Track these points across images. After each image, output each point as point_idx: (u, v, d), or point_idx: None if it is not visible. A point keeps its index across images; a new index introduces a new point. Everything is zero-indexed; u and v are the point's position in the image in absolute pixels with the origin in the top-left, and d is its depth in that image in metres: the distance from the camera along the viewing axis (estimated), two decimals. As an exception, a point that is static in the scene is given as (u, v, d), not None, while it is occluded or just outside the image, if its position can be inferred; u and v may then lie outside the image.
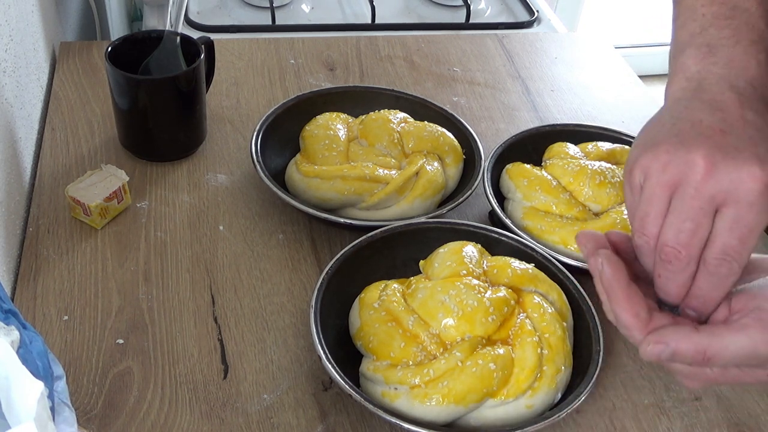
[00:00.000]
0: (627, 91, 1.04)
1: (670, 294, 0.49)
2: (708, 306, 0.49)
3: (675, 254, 0.48)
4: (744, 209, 0.46)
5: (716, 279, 0.47)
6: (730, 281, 0.47)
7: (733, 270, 0.47)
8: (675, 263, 0.48)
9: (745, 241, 0.46)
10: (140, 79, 0.78)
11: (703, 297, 0.49)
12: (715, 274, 0.47)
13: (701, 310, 0.49)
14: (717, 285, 0.48)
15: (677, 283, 0.49)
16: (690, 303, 0.49)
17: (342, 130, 0.80)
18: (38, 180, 0.79)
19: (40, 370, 0.39)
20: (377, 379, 0.59)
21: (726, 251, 0.46)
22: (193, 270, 0.72)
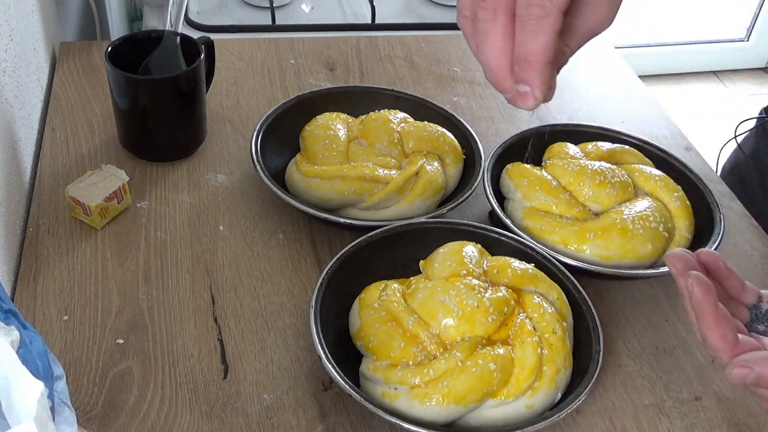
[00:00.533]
0: (627, 91, 1.04)
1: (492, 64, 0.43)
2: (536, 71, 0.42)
3: (480, 4, 0.42)
4: None
5: (530, 25, 0.41)
6: (546, 25, 0.41)
7: (547, 9, 0.41)
8: (481, 15, 0.42)
9: None
10: (140, 79, 0.78)
11: (525, 56, 0.42)
12: (527, 18, 0.41)
13: (531, 78, 0.43)
14: (534, 33, 0.41)
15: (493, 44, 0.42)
16: (519, 75, 0.43)
17: (342, 130, 0.80)
18: (38, 180, 0.79)
19: (40, 370, 0.39)
20: (377, 379, 0.59)
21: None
22: (193, 270, 0.72)
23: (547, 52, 0.42)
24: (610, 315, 0.72)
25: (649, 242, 0.71)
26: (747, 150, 1.02)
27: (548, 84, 0.44)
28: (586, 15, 0.45)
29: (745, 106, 2.62)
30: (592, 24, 0.46)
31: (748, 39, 2.89)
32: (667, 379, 0.67)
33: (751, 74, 2.90)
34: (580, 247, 0.71)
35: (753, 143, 1.02)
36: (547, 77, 0.43)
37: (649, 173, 0.78)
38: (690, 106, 2.69)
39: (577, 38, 0.46)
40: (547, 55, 0.42)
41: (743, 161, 1.03)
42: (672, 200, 0.76)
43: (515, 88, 0.44)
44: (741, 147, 1.03)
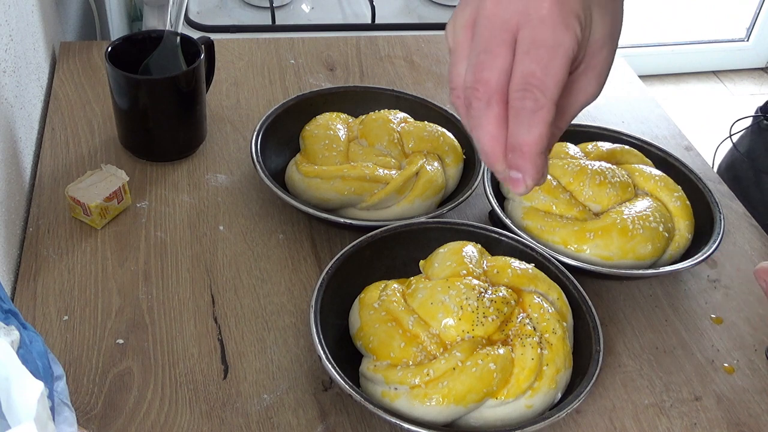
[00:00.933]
0: (627, 91, 1.04)
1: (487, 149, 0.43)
2: (528, 160, 0.43)
3: (473, 93, 0.42)
4: (537, 28, 0.41)
5: (524, 117, 0.42)
6: (540, 118, 0.41)
7: (540, 102, 0.41)
8: (475, 104, 0.42)
9: (544, 64, 0.41)
10: (140, 79, 0.78)
11: (519, 147, 0.42)
12: (521, 110, 0.42)
13: (524, 167, 0.43)
14: (527, 125, 0.42)
15: (486, 131, 0.43)
16: (511, 162, 0.43)
17: (342, 130, 0.80)
18: (38, 180, 0.79)
19: (40, 370, 0.39)
20: (377, 379, 0.59)
21: (526, 79, 0.41)
22: (193, 270, 0.72)
23: (540, 143, 0.42)
24: (610, 315, 0.72)
25: (649, 242, 0.71)
26: (742, 148, 1.02)
27: (541, 171, 0.44)
28: (575, 95, 0.46)
29: (745, 106, 2.61)
30: (580, 102, 0.46)
31: (748, 39, 2.89)
32: (667, 379, 0.67)
33: (751, 74, 2.90)
34: (580, 247, 0.71)
35: (748, 142, 1.03)
36: (539, 166, 0.43)
37: (649, 173, 0.78)
38: (690, 106, 2.69)
39: (566, 118, 0.46)
40: (540, 145, 0.43)
41: (739, 160, 1.03)
42: (672, 200, 0.76)
43: (507, 172, 0.44)
44: (736, 146, 1.04)
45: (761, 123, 1.01)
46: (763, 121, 1.00)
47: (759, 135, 1.01)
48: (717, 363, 0.69)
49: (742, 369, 0.69)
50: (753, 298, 0.75)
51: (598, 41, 0.44)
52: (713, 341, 0.71)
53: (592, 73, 0.45)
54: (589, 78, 0.45)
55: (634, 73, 1.08)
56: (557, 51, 0.41)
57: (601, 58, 0.45)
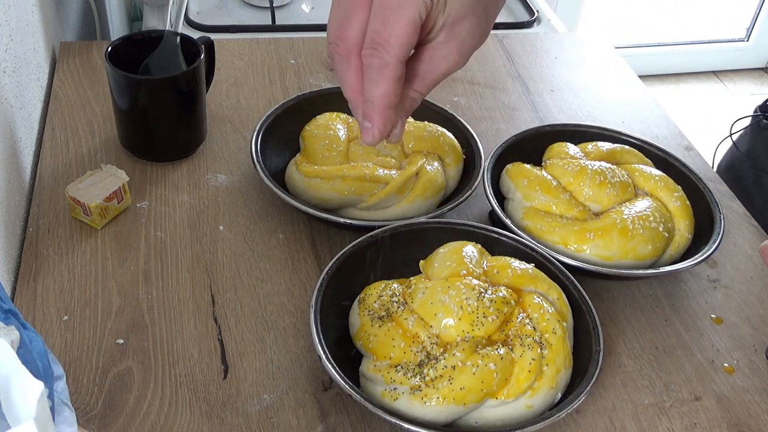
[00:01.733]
0: (627, 91, 1.04)
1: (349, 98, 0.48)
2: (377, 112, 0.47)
3: (335, 48, 0.46)
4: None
5: (372, 73, 0.45)
6: (385, 75, 0.45)
7: (384, 60, 0.45)
8: (337, 58, 0.47)
9: (388, 25, 0.44)
10: (140, 79, 0.78)
11: (369, 99, 0.46)
12: (369, 67, 0.45)
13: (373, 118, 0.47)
14: (375, 80, 0.45)
15: (347, 84, 0.47)
16: (364, 112, 0.47)
17: (342, 130, 0.80)
18: (38, 180, 0.79)
19: (40, 370, 0.39)
20: (377, 379, 0.59)
21: (373, 38, 0.45)
22: (193, 270, 0.72)
23: (386, 97, 0.46)
24: (610, 315, 0.72)
25: (649, 242, 0.71)
26: (742, 148, 1.03)
27: (388, 125, 0.48)
28: (435, 62, 0.48)
29: (745, 106, 2.61)
30: (441, 70, 0.49)
31: (748, 39, 2.89)
32: (667, 379, 0.67)
33: (751, 74, 2.90)
34: (580, 247, 0.71)
35: (748, 141, 1.03)
36: (387, 119, 0.47)
37: (649, 173, 0.78)
38: (690, 106, 2.69)
39: (426, 83, 0.49)
40: (387, 99, 0.46)
41: (738, 159, 1.03)
42: (672, 200, 0.76)
43: (362, 122, 0.48)
44: (736, 145, 1.04)
45: (761, 122, 1.01)
46: (763, 120, 1.00)
47: (759, 134, 1.01)
48: (717, 363, 0.69)
49: (742, 369, 0.69)
50: (753, 298, 0.75)
51: (458, 11, 0.46)
52: (713, 341, 0.71)
53: (453, 42, 0.47)
54: (450, 47, 0.47)
55: (634, 73, 1.08)
56: (401, 13, 0.44)
57: (462, 29, 0.47)
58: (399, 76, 0.46)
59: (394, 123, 0.49)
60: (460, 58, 0.49)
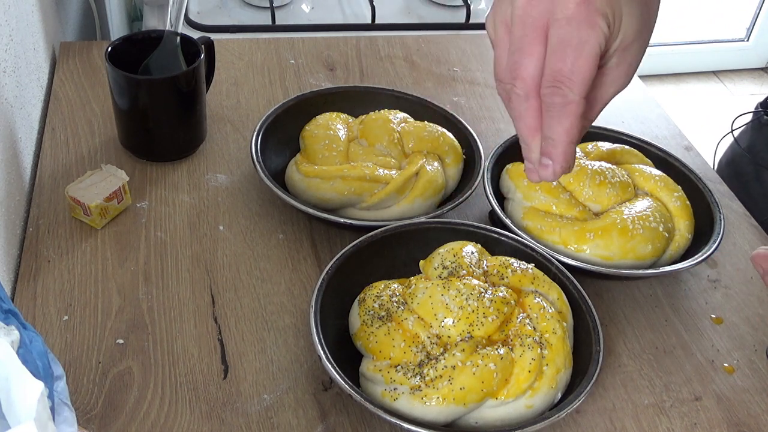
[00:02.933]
0: (627, 91, 1.04)
1: (525, 138, 0.47)
2: (559, 150, 0.46)
3: (512, 89, 0.46)
4: (563, 27, 0.43)
5: (555, 111, 0.45)
6: (568, 112, 0.45)
7: (568, 97, 0.44)
8: (514, 98, 0.46)
9: (570, 62, 0.43)
10: (140, 79, 0.78)
11: (551, 138, 0.46)
12: (551, 105, 0.45)
13: (554, 156, 0.47)
14: (558, 119, 0.45)
15: (524, 123, 0.46)
16: (544, 149, 0.47)
17: (342, 130, 0.80)
18: (38, 180, 0.79)
19: (40, 370, 0.39)
20: (377, 379, 0.59)
21: (555, 76, 0.44)
22: (193, 270, 0.72)
23: (570, 134, 0.46)
24: (610, 315, 0.72)
25: (649, 242, 0.71)
26: (743, 144, 1.03)
27: (571, 161, 0.47)
28: (605, 87, 0.48)
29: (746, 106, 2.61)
30: (610, 94, 0.48)
31: (748, 39, 2.89)
32: (667, 379, 0.67)
33: (751, 74, 2.90)
34: (580, 247, 0.71)
35: (749, 137, 1.03)
36: (569, 155, 0.47)
37: (649, 173, 0.78)
38: (690, 106, 2.69)
39: (597, 108, 0.49)
40: (570, 136, 0.46)
41: (739, 155, 1.03)
42: (672, 200, 0.76)
43: (540, 160, 0.48)
44: (737, 141, 1.04)
45: (762, 118, 1.01)
46: (764, 116, 1.00)
47: (759, 131, 1.01)
48: (717, 363, 0.69)
49: (742, 369, 0.69)
50: (753, 298, 0.75)
51: (629, 36, 0.46)
52: (713, 341, 0.71)
53: (623, 66, 0.47)
54: (620, 71, 0.47)
55: (634, 73, 1.07)
56: (583, 49, 0.43)
57: (632, 52, 0.47)
58: (581, 112, 0.45)
59: (574, 156, 0.48)
60: (626, 81, 0.48)
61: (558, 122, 0.45)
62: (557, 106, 0.45)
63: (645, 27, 0.47)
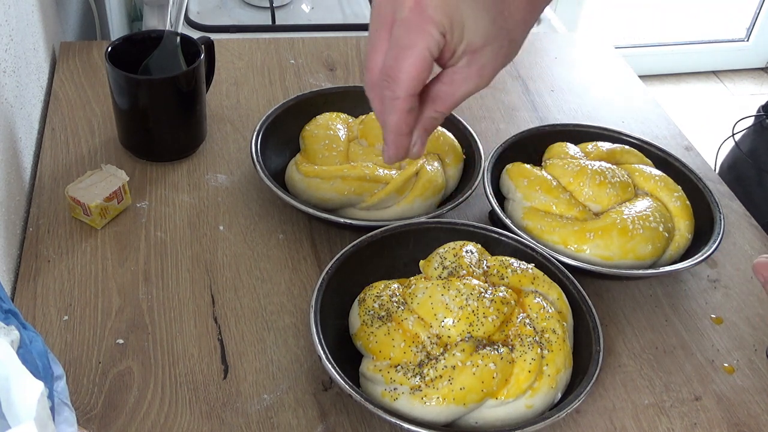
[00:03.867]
0: (627, 91, 1.04)
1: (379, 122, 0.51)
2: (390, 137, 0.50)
3: (365, 76, 0.49)
4: (399, 27, 0.46)
5: (386, 104, 0.48)
6: (396, 107, 0.48)
7: (395, 93, 0.47)
8: (365, 87, 0.50)
9: (398, 61, 0.46)
10: (140, 79, 0.78)
11: (385, 124, 0.50)
12: (383, 98, 0.48)
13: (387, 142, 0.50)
14: (389, 110, 0.48)
15: (374, 109, 0.50)
16: (384, 135, 0.51)
17: (342, 130, 0.80)
18: (38, 180, 0.79)
19: (40, 370, 0.39)
20: (377, 379, 0.59)
21: (386, 71, 0.47)
22: (193, 270, 0.72)
23: (398, 126, 0.49)
24: (610, 315, 0.72)
25: (649, 242, 0.71)
26: (745, 148, 1.02)
27: (401, 149, 0.51)
28: (456, 84, 0.50)
29: (746, 106, 2.61)
30: (462, 92, 0.51)
31: (748, 39, 2.89)
32: (667, 379, 0.67)
33: (751, 74, 2.90)
34: (580, 247, 0.71)
35: (751, 141, 1.03)
36: (399, 145, 0.51)
37: (649, 173, 0.78)
38: (690, 106, 2.69)
39: (446, 104, 0.51)
40: (398, 128, 0.49)
41: (741, 159, 1.03)
42: (672, 200, 0.76)
43: None
44: (739, 145, 1.04)
45: (763, 122, 1.01)
46: (766, 120, 1.00)
47: (761, 134, 1.01)
48: (717, 363, 0.69)
49: (742, 369, 0.69)
50: (753, 298, 0.75)
51: (477, 41, 0.48)
52: (713, 341, 0.71)
53: (474, 67, 0.49)
54: (471, 71, 0.49)
55: (634, 73, 1.08)
56: (410, 51, 0.46)
57: (486, 55, 0.49)
58: (409, 107, 0.48)
59: (407, 146, 0.51)
60: (480, 81, 0.50)
61: (389, 113, 0.49)
62: (387, 99, 0.48)
63: (500, 33, 0.48)
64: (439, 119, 0.52)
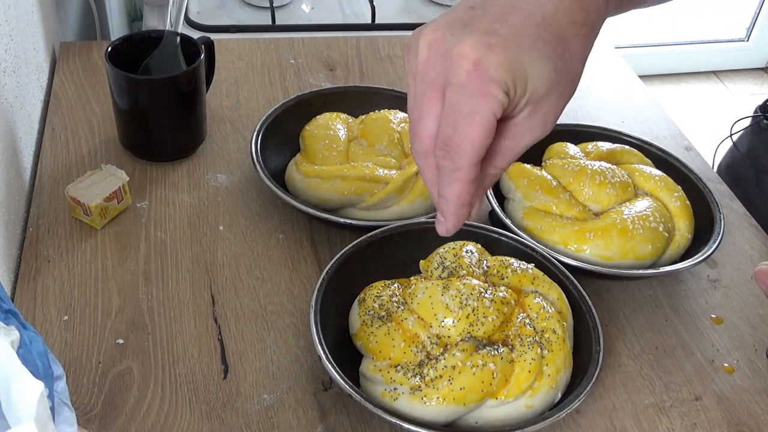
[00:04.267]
0: (627, 91, 1.04)
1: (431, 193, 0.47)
2: (450, 210, 0.46)
3: (413, 145, 0.46)
4: (456, 93, 0.42)
5: (444, 174, 0.44)
6: (457, 178, 0.44)
7: (456, 164, 0.43)
8: (414, 156, 0.46)
9: (460, 130, 0.42)
10: (140, 79, 0.78)
11: (444, 196, 0.46)
12: (441, 168, 0.44)
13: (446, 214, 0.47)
14: (448, 181, 0.45)
15: (426, 178, 0.47)
16: (439, 206, 0.47)
17: (342, 130, 0.80)
18: (38, 180, 0.79)
19: (40, 370, 0.39)
20: (377, 379, 0.59)
21: (445, 141, 0.43)
22: (193, 270, 0.72)
23: (460, 197, 0.45)
24: (610, 315, 0.72)
25: (649, 242, 0.71)
26: (743, 148, 1.03)
27: (461, 221, 0.47)
28: (518, 137, 0.47)
29: (745, 106, 2.61)
30: (524, 143, 0.47)
31: (748, 39, 2.89)
32: (667, 379, 0.67)
33: (751, 74, 2.90)
34: (580, 247, 0.71)
35: (748, 141, 1.03)
36: (459, 217, 0.47)
37: (649, 173, 0.78)
38: (690, 106, 2.69)
39: (507, 158, 0.48)
40: (460, 199, 0.45)
41: (739, 159, 1.03)
42: (672, 200, 0.76)
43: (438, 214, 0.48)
44: (737, 145, 1.04)
45: (761, 122, 1.01)
46: (763, 120, 1.00)
47: (759, 135, 1.01)
48: (717, 363, 0.69)
49: (742, 369, 0.69)
50: (753, 298, 0.75)
51: (540, 91, 0.44)
52: (713, 341, 0.71)
53: (537, 116, 0.46)
54: (534, 120, 0.46)
55: (634, 73, 1.08)
56: (473, 118, 0.42)
57: (549, 102, 0.45)
58: (472, 178, 0.45)
59: (468, 215, 0.47)
60: (544, 129, 0.47)
61: (448, 185, 0.45)
62: (447, 170, 0.44)
63: (562, 77, 0.45)
64: (498, 175, 0.49)
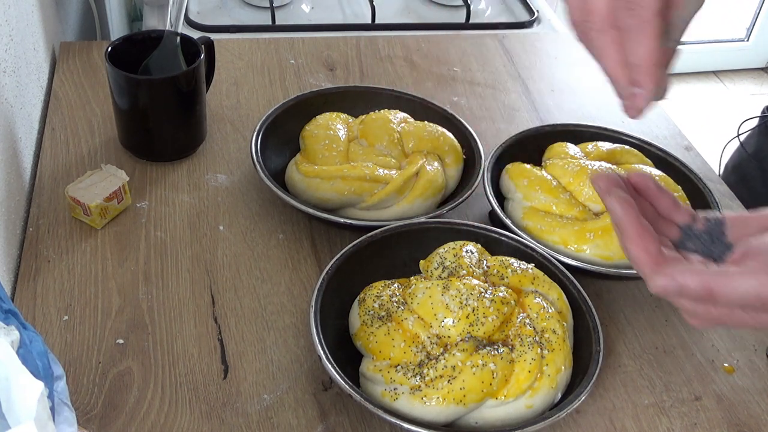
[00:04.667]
0: (627, 91, 1.04)
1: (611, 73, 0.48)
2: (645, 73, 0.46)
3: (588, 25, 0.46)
4: None
5: (633, 35, 0.45)
6: (647, 32, 0.45)
7: (643, 17, 0.44)
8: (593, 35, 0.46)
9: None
10: (140, 79, 0.78)
11: (636, 63, 0.46)
12: (628, 29, 0.45)
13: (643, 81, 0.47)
14: (637, 40, 0.45)
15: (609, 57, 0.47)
16: (632, 78, 0.47)
17: (342, 130, 0.80)
18: (38, 180, 0.79)
19: (40, 370, 0.39)
20: (377, 379, 0.59)
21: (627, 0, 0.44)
22: (193, 270, 0.72)
23: (653, 55, 0.45)
24: (610, 315, 0.72)
25: (649, 242, 0.71)
26: (749, 149, 1.02)
27: (661, 84, 0.47)
28: (684, 7, 0.47)
29: (746, 106, 2.61)
30: (690, 12, 0.48)
31: (748, 39, 2.89)
32: (667, 379, 0.67)
33: (751, 74, 2.90)
34: (580, 247, 0.71)
35: (755, 142, 1.03)
36: (658, 78, 0.47)
37: (649, 173, 0.78)
38: (690, 106, 2.69)
39: (679, 30, 0.48)
40: (653, 57, 0.46)
41: (746, 160, 1.03)
42: (672, 200, 0.76)
43: (631, 91, 0.48)
44: (743, 146, 1.04)
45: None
46: None
47: (766, 135, 1.01)
48: (717, 363, 0.69)
49: (742, 369, 0.69)
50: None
51: None
52: (713, 341, 0.71)
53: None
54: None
55: (634, 73, 1.07)
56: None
57: None
58: (659, 31, 0.45)
59: (663, 79, 0.47)
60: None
61: (638, 44, 0.45)
62: (634, 29, 0.45)
63: None
64: (674, 48, 0.49)
